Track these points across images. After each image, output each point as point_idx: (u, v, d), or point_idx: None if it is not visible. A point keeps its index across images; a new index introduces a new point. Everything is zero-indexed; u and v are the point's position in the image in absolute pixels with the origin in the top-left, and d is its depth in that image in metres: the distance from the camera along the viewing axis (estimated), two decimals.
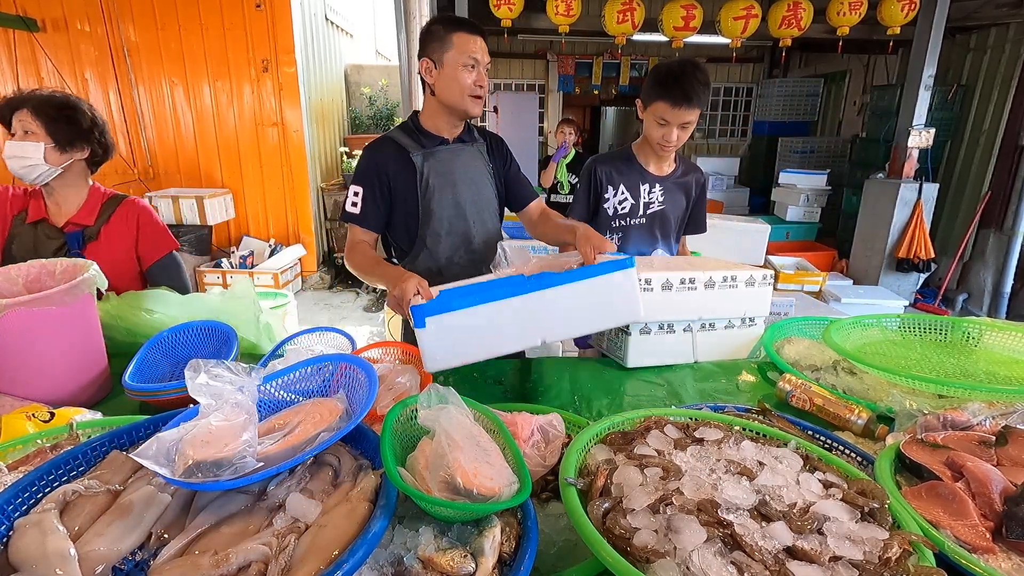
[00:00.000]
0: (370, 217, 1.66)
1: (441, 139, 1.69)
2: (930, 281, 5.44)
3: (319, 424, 0.84)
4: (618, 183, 1.91)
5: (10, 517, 0.73)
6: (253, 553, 0.67)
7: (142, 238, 1.78)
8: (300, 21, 5.48)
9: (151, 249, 1.80)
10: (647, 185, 1.91)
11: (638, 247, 1.97)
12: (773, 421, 1.10)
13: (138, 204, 1.80)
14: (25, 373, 1.20)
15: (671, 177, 1.95)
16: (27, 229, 1.67)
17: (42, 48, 5.17)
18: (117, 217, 1.74)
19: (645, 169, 1.92)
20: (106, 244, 1.71)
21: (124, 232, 1.75)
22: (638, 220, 1.93)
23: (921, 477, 0.90)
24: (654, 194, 1.92)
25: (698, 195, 2.01)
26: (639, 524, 0.72)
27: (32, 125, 1.58)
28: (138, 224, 1.77)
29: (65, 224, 1.68)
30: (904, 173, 4.95)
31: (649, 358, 1.50)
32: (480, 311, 1.15)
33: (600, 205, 1.94)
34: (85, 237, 1.69)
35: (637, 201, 1.92)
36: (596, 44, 7.59)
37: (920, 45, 4.70)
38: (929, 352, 1.44)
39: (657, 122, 1.77)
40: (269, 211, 5.90)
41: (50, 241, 1.66)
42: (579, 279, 1.19)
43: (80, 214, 1.70)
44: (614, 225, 1.96)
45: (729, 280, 1.51)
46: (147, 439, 0.79)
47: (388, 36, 9.68)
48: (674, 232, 2.01)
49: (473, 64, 1.56)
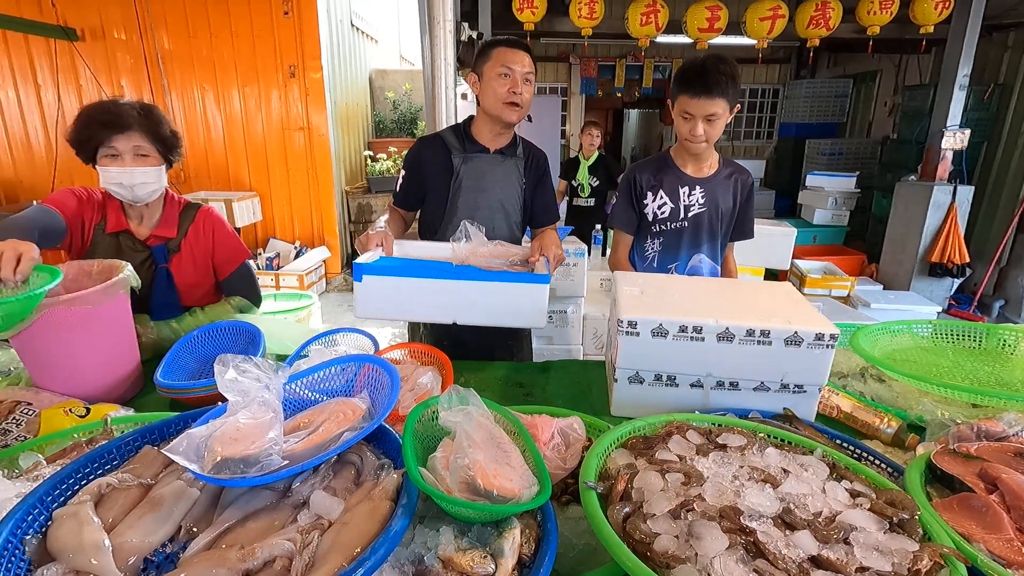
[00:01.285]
0: (404, 198, 1.89)
1: (483, 148, 1.81)
2: (965, 287, 5.27)
3: (342, 423, 0.86)
4: (657, 188, 1.88)
5: (49, 508, 0.75)
6: (278, 548, 0.69)
7: (218, 249, 1.76)
8: (326, 27, 5.58)
9: (228, 260, 1.78)
10: (686, 188, 1.86)
11: (680, 252, 1.91)
12: (799, 428, 1.08)
13: (213, 214, 1.78)
14: (63, 369, 1.25)
15: (713, 179, 1.88)
16: (108, 240, 1.62)
17: (81, 56, 5.35)
18: (195, 228, 1.72)
19: (683, 172, 1.88)
20: (188, 256, 1.70)
21: (202, 243, 1.73)
22: (679, 224, 1.88)
23: (953, 489, 0.87)
24: (694, 196, 1.86)
25: (744, 198, 1.92)
26: (660, 529, 0.72)
27: (147, 147, 1.55)
28: (214, 236, 1.75)
29: (148, 237, 1.66)
30: (937, 175, 4.81)
31: (641, 410, 1.14)
32: (408, 282, 1.39)
33: (641, 211, 1.92)
34: (169, 250, 1.67)
35: (677, 205, 1.87)
36: (619, 46, 7.55)
37: (955, 44, 4.56)
38: (962, 360, 1.40)
39: (682, 116, 1.73)
40: (295, 214, 6.01)
41: (135, 254, 1.63)
42: (496, 280, 1.40)
43: (162, 226, 1.67)
44: (655, 230, 1.91)
45: (758, 335, 1.12)
46: (178, 435, 0.81)
47: (412, 41, 9.79)
48: (720, 236, 1.92)
49: (507, 73, 1.67)
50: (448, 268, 1.45)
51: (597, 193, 4.83)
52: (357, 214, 6.23)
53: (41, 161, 5.71)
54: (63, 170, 5.65)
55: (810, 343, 1.11)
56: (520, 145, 1.88)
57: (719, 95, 1.66)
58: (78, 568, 0.67)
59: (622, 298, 1.24)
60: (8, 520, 0.70)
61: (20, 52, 5.41)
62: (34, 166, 5.74)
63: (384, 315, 1.52)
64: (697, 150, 1.80)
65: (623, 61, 7.64)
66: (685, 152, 1.85)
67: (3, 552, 0.66)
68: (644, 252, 1.96)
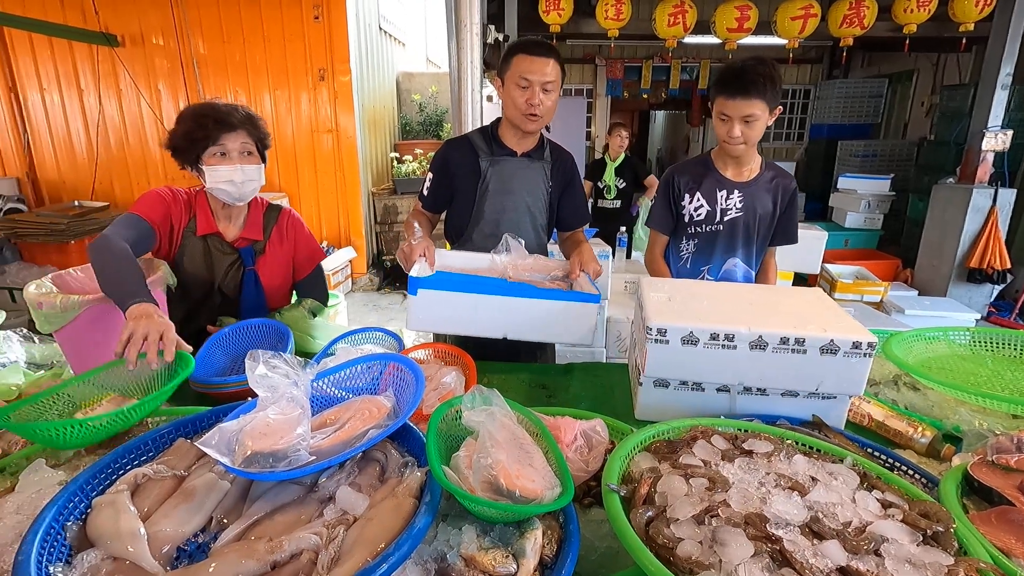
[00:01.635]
0: (431, 200, 1.87)
1: (510, 151, 1.79)
2: (1005, 293, 5.07)
3: (368, 421, 0.87)
4: (695, 190, 1.87)
5: (88, 496, 0.79)
6: (305, 542, 0.70)
7: (299, 250, 1.77)
8: (355, 31, 5.67)
9: (307, 261, 1.79)
10: (724, 191, 1.85)
11: (714, 255, 1.90)
12: (829, 436, 1.06)
13: (294, 216, 1.79)
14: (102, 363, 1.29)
15: (753, 184, 1.85)
16: (197, 242, 1.61)
17: (121, 62, 5.55)
18: (278, 229, 1.73)
19: (722, 175, 1.86)
20: (271, 257, 1.71)
21: (285, 244, 1.74)
22: (714, 227, 1.88)
23: (991, 502, 0.84)
24: (731, 200, 1.85)
25: (787, 203, 1.89)
26: (683, 534, 0.71)
27: (251, 145, 1.58)
28: (296, 237, 1.76)
29: (236, 239, 1.66)
30: (977, 178, 4.65)
31: (665, 414, 1.13)
32: (462, 297, 1.38)
33: (678, 213, 1.92)
34: (256, 252, 1.68)
35: (714, 208, 1.86)
36: (645, 47, 7.50)
37: (997, 42, 4.41)
38: (1002, 369, 1.35)
39: (720, 118, 1.73)
40: (322, 214, 6.12)
41: (224, 256, 1.64)
42: (549, 298, 1.40)
43: (248, 228, 1.67)
44: (690, 232, 1.91)
45: (792, 343, 1.09)
46: (210, 429, 0.83)
47: (438, 44, 9.88)
48: (757, 241, 1.90)
49: (526, 84, 1.63)
50: (502, 284, 1.46)
51: (623, 195, 4.80)
52: (383, 215, 6.31)
53: (83, 162, 5.93)
54: (103, 171, 5.86)
55: (847, 351, 1.07)
56: (547, 148, 1.86)
57: (756, 96, 1.65)
58: (115, 554, 0.70)
59: (649, 304, 1.22)
60: (51, 507, 0.73)
61: (65, 58, 5.63)
62: (76, 167, 5.96)
63: (436, 328, 1.57)
64: (735, 152, 1.77)
65: (650, 62, 7.57)
66: (725, 155, 1.84)
67: (46, 537, 0.69)
68: (679, 252, 1.97)
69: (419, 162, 6.28)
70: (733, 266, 1.90)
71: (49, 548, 0.69)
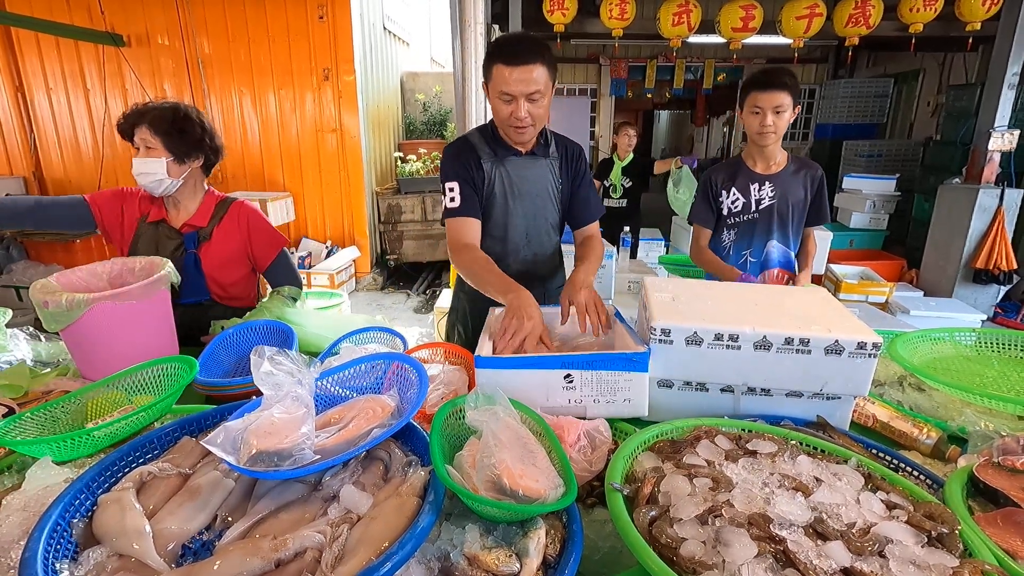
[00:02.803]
0: (471, 206, 1.64)
1: (514, 150, 1.68)
2: (1012, 294, 5.04)
3: (372, 420, 0.87)
4: (730, 186, 2.17)
5: (95, 493, 0.79)
6: (309, 540, 0.70)
7: (255, 240, 1.84)
8: (360, 31, 5.67)
9: (266, 250, 1.86)
10: (756, 184, 2.15)
11: (753, 240, 2.20)
12: (833, 437, 1.06)
13: (246, 206, 1.87)
14: (107, 361, 1.30)
15: (781, 175, 2.15)
16: (149, 228, 1.76)
17: (127, 61, 5.57)
18: (228, 218, 1.82)
19: (753, 170, 2.17)
20: (217, 244, 1.79)
21: (234, 233, 1.82)
22: (751, 216, 2.17)
23: (997, 504, 0.84)
24: (764, 191, 2.14)
25: (816, 188, 2.19)
26: (686, 534, 0.71)
27: (152, 141, 1.65)
28: (248, 227, 1.83)
29: (182, 225, 1.77)
30: (984, 178, 4.62)
31: (669, 414, 1.10)
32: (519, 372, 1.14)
33: (717, 208, 2.21)
34: (200, 237, 1.78)
35: (748, 199, 2.16)
36: (650, 47, 7.49)
37: (1004, 41, 4.38)
38: (1009, 370, 1.34)
39: (752, 112, 2.01)
40: (327, 214, 6.13)
41: (169, 240, 1.75)
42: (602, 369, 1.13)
43: (196, 217, 1.79)
44: (730, 223, 2.21)
45: (796, 344, 1.09)
46: (215, 427, 0.84)
47: (442, 44, 9.88)
48: (792, 224, 2.19)
49: (509, 98, 1.49)
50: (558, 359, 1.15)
51: (629, 194, 4.80)
52: (387, 215, 6.32)
53: (88, 161, 5.96)
54: (108, 170, 5.88)
55: (852, 352, 1.06)
56: (552, 142, 1.75)
57: (783, 89, 1.95)
58: (121, 551, 0.70)
59: (654, 305, 1.22)
60: (57, 504, 0.73)
61: (71, 58, 5.66)
62: (82, 166, 6.00)
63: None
64: (766, 142, 2.05)
65: (654, 62, 7.56)
66: (754, 151, 2.15)
67: (53, 534, 0.70)
68: (720, 243, 2.26)
69: (423, 162, 6.28)
70: (772, 247, 2.19)
71: (55, 545, 0.69)
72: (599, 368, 1.12)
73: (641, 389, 1.13)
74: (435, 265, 6.76)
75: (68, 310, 1.24)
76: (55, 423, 1.08)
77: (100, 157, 5.86)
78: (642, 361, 1.11)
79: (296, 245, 6.10)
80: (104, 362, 1.30)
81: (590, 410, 1.14)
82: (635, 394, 1.13)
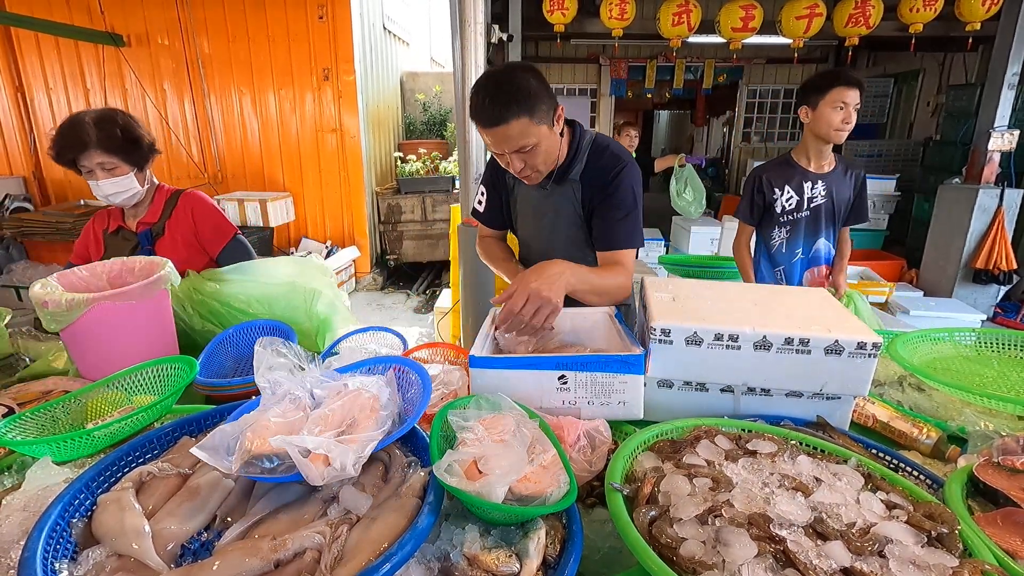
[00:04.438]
0: (490, 216, 1.72)
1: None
2: (1012, 294, 5.04)
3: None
4: (784, 184, 2.23)
5: (94, 493, 0.79)
6: (308, 541, 0.70)
7: (200, 229, 1.81)
8: (359, 31, 5.68)
9: (213, 238, 1.83)
10: (809, 183, 2.22)
11: (803, 237, 2.27)
12: (833, 437, 1.06)
13: (193, 196, 1.84)
14: (107, 361, 1.30)
15: (832, 174, 2.23)
16: (111, 238, 1.80)
17: (127, 61, 5.57)
18: (177, 211, 1.80)
19: (806, 169, 2.24)
20: (171, 239, 1.78)
21: (184, 224, 1.80)
22: (803, 214, 2.24)
23: (997, 504, 0.84)
24: (816, 189, 2.21)
25: (859, 189, 2.28)
26: (686, 534, 0.71)
27: (110, 161, 1.61)
28: (193, 216, 1.81)
29: (136, 225, 1.79)
30: (983, 178, 4.62)
31: (669, 414, 1.10)
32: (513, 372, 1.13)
33: (769, 206, 2.27)
34: (153, 234, 1.78)
35: (802, 197, 2.23)
36: (650, 47, 7.48)
37: (1003, 41, 4.38)
38: (1008, 370, 1.34)
39: (836, 107, 2.08)
40: (327, 214, 6.14)
41: (126, 243, 1.79)
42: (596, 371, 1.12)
43: (148, 214, 1.80)
44: (782, 220, 2.27)
45: (796, 344, 1.08)
46: (214, 427, 0.84)
47: (442, 44, 9.89)
48: (837, 223, 2.29)
49: (498, 152, 1.40)
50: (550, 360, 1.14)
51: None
52: (387, 215, 6.32)
53: None
54: None
55: (851, 352, 1.06)
56: (579, 166, 1.52)
57: (862, 88, 2.09)
58: (120, 551, 0.70)
59: (653, 304, 1.22)
60: (57, 504, 0.73)
61: (71, 58, 5.66)
62: None
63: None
64: (842, 139, 2.13)
65: (654, 62, 7.56)
66: (811, 150, 2.21)
67: (52, 534, 0.70)
68: (771, 240, 2.33)
69: (423, 162, 6.28)
70: (820, 245, 2.28)
71: (55, 545, 0.69)
72: (594, 369, 1.11)
73: (636, 391, 1.13)
74: (435, 265, 6.76)
75: (68, 310, 1.24)
76: (55, 423, 1.08)
77: None
78: (637, 363, 1.11)
79: (296, 245, 6.10)
80: (104, 362, 1.30)
81: (584, 412, 1.14)
82: (630, 396, 1.13)
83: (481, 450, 0.80)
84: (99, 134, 1.59)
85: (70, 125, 1.59)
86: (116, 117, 1.64)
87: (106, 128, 1.60)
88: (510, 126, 1.30)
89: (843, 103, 2.08)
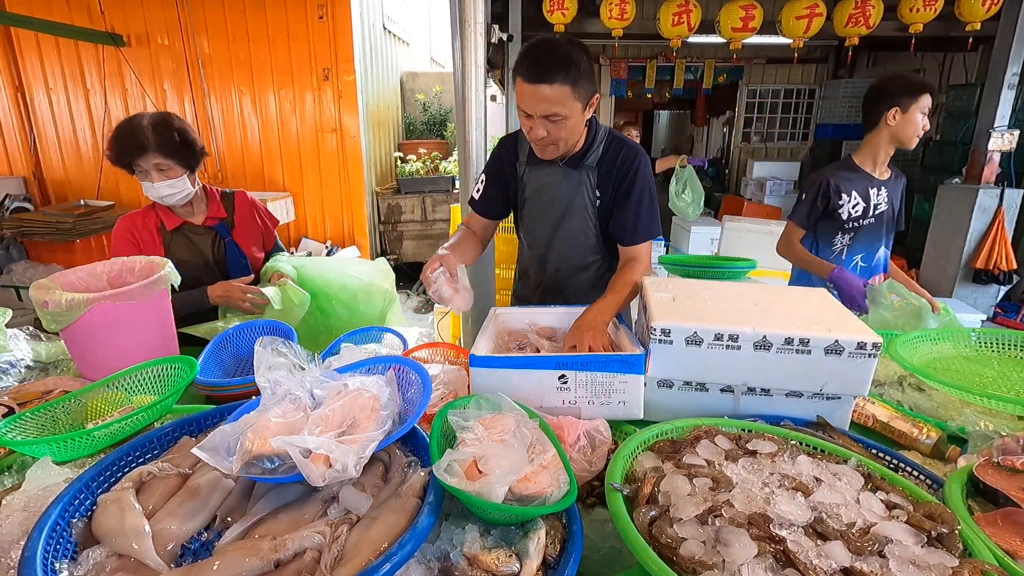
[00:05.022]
0: (483, 205, 1.70)
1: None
2: (1012, 295, 5.04)
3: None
4: (850, 190, 2.15)
5: (94, 492, 0.79)
6: (308, 541, 0.70)
7: (265, 224, 1.98)
8: (359, 31, 5.67)
9: (271, 232, 2.01)
10: (875, 189, 2.17)
11: (868, 244, 2.22)
12: (833, 437, 1.06)
13: (248, 196, 1.97)
14: (107, 361, 1.30)
15: (889, 180, 2.21)
16: (174, 235, 1.78)
17: (127, 61, 5.57)
18: (239, 207, 1.91)
19: (872, 175, 2.18)
20: (241, 231, 1.89)
21: (252, 220, 1.94)
22: (868, 220, 2.17)
23: (996, 504, 0.84)
24: (880, 196, 2.17)
25: (903, 195, 2.29)
26: (686, 534, 0.71)
27: (165, 163, 1.66)
28: (257, 212, 1.96)
29: (205, 220, 1.83)
30: (983, 178, 4.62)
31: (669, 414, 1.10)
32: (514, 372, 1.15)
33: (833, 211, 2.17)
34: (228, 227, 1.87)
35: (868, 204, 2.16)
36: (650, 47, 7.47)
37: (1003, 41, 4.38)
38: (1008, 370, 1.34)
39: (924, 112, 2.03)
40: (327, 214, 6.13)
41: (203, 236, 1.81)
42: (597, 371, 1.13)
43: (211, 211, 1.85)
44: (847, 227, 2.19)
45: (796, 344, 1.08)
46: (214, 427, 0.84)
47: (442, 44, 9.89)
48: (893, 229, 2.27)
49: (527, 115, 1.41)
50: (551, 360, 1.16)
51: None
52: (387, 214, 6.31)
53: (88, 162, 5.96)
54: (108, 170, 5.88)
55: (851, 352, 1.06)
56: (596, 151, 1.55)
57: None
58: (120, 551, 0.70)
59: (653, 304, 1.22)
60: (57, 504, 0.73)
61: (71, 58, 5.66)
62: (82, 166, 6.00)
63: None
64: (915, 145, 2.11)
65: (654, 62, 7.55)
66: (875, 155, 2.17)
67: (52, 533, 0.70)
68: (832, 246, 2.25)
69: (423, 162, 6.28)
70: (881, 254, 2.25)
71: (55, 545, 0.69)
72: (594, 369, 1.11)
73: (636, 391, 1.13)
74: None
75: (68, 310, 1.24)
76: (55, 423, 1.08)
77: (100, 157, 5.85)
78: (637, 363, 1.11)
79: (296, 245, 6.10)
80: (104, 362, 1.30)
81: (584, 411, 1.14)
82: (630, 396, 1.13)
83: (481, 450, 0.80)
84: (157, 138, 1.63)
85: (128, 129, 1.63)
86: (172, 121, 1.68)
87: (163, 132, 1.65)
88: (552, 88, 1.32)
89: (927, 109, 2.05)
